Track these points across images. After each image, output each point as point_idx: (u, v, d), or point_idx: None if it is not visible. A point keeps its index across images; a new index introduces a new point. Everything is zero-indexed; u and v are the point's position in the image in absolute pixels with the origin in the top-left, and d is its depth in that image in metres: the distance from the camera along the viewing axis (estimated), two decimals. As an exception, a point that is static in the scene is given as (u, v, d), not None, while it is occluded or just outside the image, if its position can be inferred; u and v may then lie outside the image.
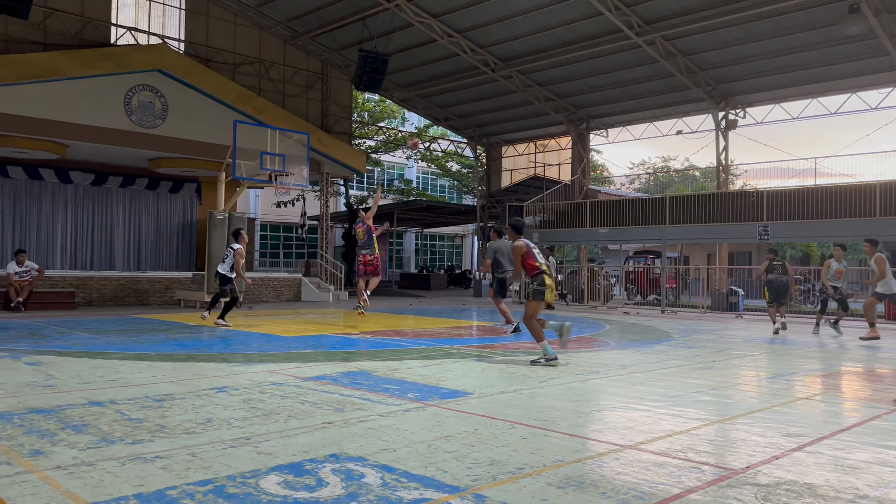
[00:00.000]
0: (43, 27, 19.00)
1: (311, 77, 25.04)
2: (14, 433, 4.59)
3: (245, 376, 7.09)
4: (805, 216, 18.65)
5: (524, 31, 21.69)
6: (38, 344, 9.50)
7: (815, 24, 18.95)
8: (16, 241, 20.26)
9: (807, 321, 16.63)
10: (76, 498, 3.36)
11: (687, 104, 24.91)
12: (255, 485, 3.64)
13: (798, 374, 8.14)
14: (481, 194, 32.55)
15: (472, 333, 12.88)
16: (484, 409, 5.64)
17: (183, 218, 24.08)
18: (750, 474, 4.01)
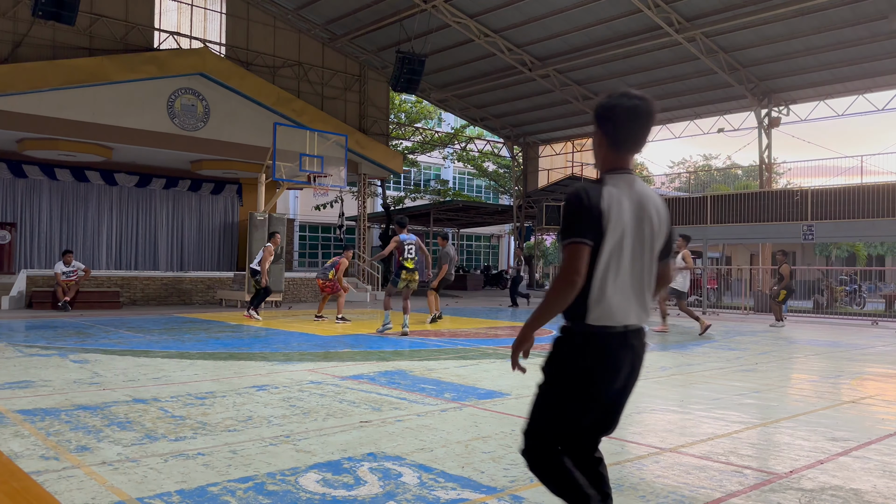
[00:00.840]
0: (89, 33, 19.48)
1: (349, 79, 25.24)
2: (62, 429, 4.72)
3: (284, 375, 7.18)
4: (851, 215, 18.19)
5: (561, 29, 21.56)
6: (85, 342, 9.74)
7: (861, 19, 18.48)
8: (63, 242, 20.82)
9: (852, 323, 16.22)
10: (121, 493, 3.44)
11: (729, 102, 24.49)
12: (295, 482, 3.68)
13: (844, 377, 7.94)
14: (518, 194, 32.44)
15: (508, 334, 12.84)
16: (521, 410, 5.62)
17: (224, 219, 24.47)
18: (794, 479, 3.93)
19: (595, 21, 20.68)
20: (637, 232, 2.51)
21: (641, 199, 2.54)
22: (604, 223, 2.42)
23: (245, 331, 11.91)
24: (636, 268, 2.53)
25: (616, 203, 2.46)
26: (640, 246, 2.53)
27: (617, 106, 2.53)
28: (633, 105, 2.53)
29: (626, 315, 2.51)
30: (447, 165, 45.73)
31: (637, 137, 2.56)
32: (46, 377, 6.76)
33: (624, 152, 2.57)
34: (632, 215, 2.50)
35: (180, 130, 19.48)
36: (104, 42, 19.72)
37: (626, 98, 2.53)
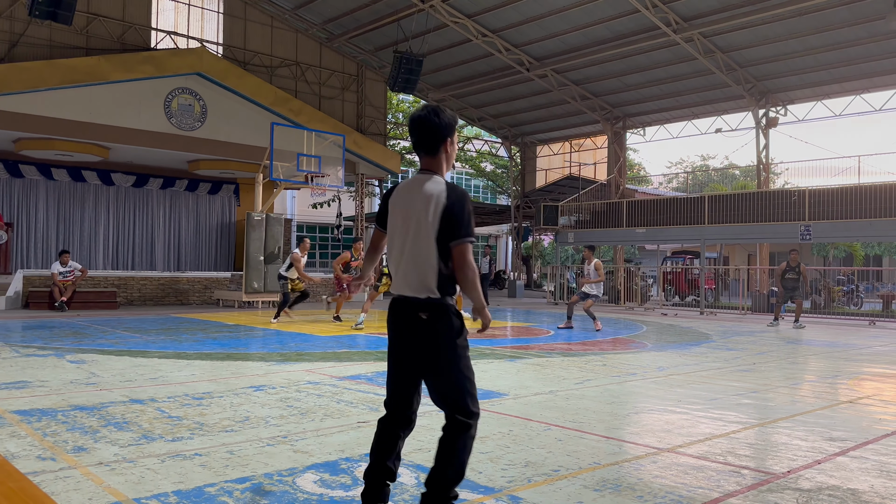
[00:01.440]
0: (86, 32, 19.44)
1: (346, 79, 25.22)
2: (58, 430, 4.70)
3: (282, 375, 7.17)
4: (848, 216, 18.21)
5: (559, 29, 21.56)
6: (81, 342, 9.72)
7: (858, 20, 18.50)
8: (60, 242, 20.78)
9: (849, 323, 16.25)
10: (118, 494, 3.43)
11: (726, 102, 24.51)
12: (292, 483, 3.67)
13: (841, 377, 7.95)
14: (516, 194, 32.44)
15: (506, 334, 12.84)
16: (519, 411, 5.61)
17: (221, 219, 24.45)
18: (791, 479, 3.93)
19: (593, 21, 20.68)
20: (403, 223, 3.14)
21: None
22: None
23: (242, 331, 11.89)
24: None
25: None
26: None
27: (411, 120, 3.21)
28: (414, 116, 3.20)
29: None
30: (445, 165, 45.64)
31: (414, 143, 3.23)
32: (43, 377, 6.74)
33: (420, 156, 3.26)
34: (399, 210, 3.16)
35: (177, 130, 19.45)
36: (101, 42, 19.68)
37: (417, 110, 3.21)
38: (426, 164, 3.18)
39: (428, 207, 3.03)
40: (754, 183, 26.62)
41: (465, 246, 3.03)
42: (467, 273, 3.05)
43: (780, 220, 19.35)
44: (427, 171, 3.16)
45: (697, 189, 45.69)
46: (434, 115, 3.13)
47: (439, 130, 3.14)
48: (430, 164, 3.17)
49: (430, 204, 3.03)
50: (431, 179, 3.10)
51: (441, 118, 3.14)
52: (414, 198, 3.09)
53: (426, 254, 3.04)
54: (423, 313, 3.06)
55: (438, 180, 3.10)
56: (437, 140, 3.15)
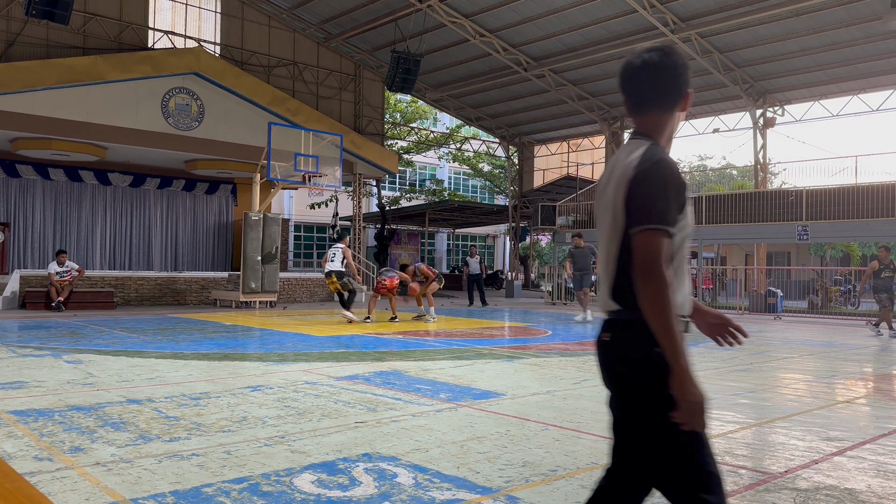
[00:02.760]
0: (83, 32, 19.41)
1: (344, 78, 25.21)
2: (55, 430, 4.69)
3: (279, 375, 7.16)
4: (846, 216, 18.25)
5: (557, 29, 21.57)
6: (78, 343, 9.71)
7: (855, 20, 18.54)
8: (57, 242, 20.74)
9: (846, 323, 16.27)
10: (115, 494, 3.42)
11: (724, 102, 24.55)
12: (290, 483, 3.67)
13: (838, 377, 7.96)
14: (513, 194, 32.45)
15: (503, 334, 12.84)
16: (516, 411, 5.61)
17: (219, 219, 24.42)
18: (789, 479, 3.93)
19: (590, 21, 20.70)
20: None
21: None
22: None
23: (239, 331, 11.88)
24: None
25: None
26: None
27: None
28: (625, 63, 2.27)
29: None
30: (442, 165, 45.72)
31: (624, 98, 2.28)
32: (40, 378, 6.73)
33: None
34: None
35: (175, 130, 19.42)
36: (98, 41, 19.65)
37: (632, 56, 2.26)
38: (638, 125, 2.22)
39: (616, 186, 2.11)
40: (752, 183, 26.65)
41: (646, 237, 1.96)
42: (647, 283, 1.93)
43: (778, 221, 19.38)
44: (636, 135, 2.22)
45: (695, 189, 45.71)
46: (659, 56, 2.15)
47: (663, 75, 2.15)
48: (641, 125, 2.21)
49: (615, 180, 2.12)
50: (634, 144, 2.16)
51: (671, 58, 2.15)
52: (609, 176, 2.19)
53: (610, 252, 2.14)
54: (605, 334, 2.15)
55: (641, 145, 2.13)
56: (658, 89, 2.17)
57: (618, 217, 2.08)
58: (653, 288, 1.91)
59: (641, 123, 2.20)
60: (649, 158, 2.04)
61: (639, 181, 2.02)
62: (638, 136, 2.18)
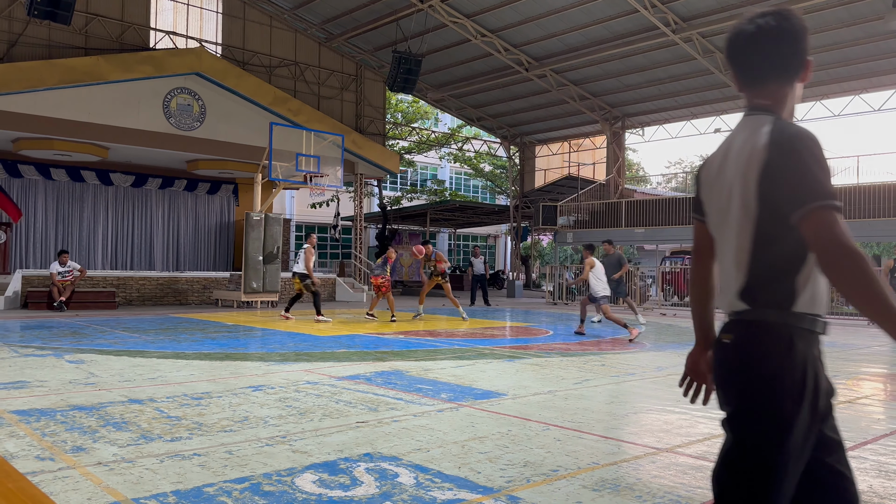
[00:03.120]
0: (85, 32, 19.44)
1: (345, 79, 25.22)
2: (57, 430, 4.70)
3: (281, 375, 7.16)
4: (847, 216, 18.16)
5: (558, 29, 21.57)
6: (80, 342, 9.72)
7: (857, 20, 18.52)
8: (59, 242, 20.77)
9: (848, 323, 16.26)
10: (117, 494, 3.43)
11: (725, 102, 24.53)
12: (291, 483, 3.67)
13: (840, 377, 7.96)
14: (514, 194, 32.45)
15: (505, 334, 12.84)
16: (517, 411, 5.62)
17: (220, 219, 24.44)
18: (790, 479, 3.93)
19: (592, 21, 20.70)
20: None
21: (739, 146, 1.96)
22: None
23: (241, 331, 11.90)
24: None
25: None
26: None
27: (729, 34, 2.07)
28: (739, 30, 2.06)
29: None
30: (444, 165, 45.73)
31: (742, 68, 2.05)
32: (42, 377, 6.74)
33: (741, 88, 2.08)
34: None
35: (176, 130, 19.44)
36: (100, 41, 19.67)
37: (741, 23, 2.05)
38: (755, 99, 1.99)
39: (743, 172, 1.87)
40: (753, 183, 26.64)
41: (820, 216, 1.68)
42: (845, 265, 1.64)
43: (779, 221, 19.36)
44: (754, 111, 1.98)
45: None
46: (777, 20, 1.92)
47: (782, 42, 1.91)
48: (758, 99, 1.98)
49: (739, 165, 1.89)
50: (753, 122, 1.92)
51: (791, 22, 1.91)
52: (728, 160, 1.94)
53: (741, 245, 1.87)
54: (725, 336, 1.92)
55: (763, 121, 1.89)
56: (776, 58, 1.92)
57: (749, 206, 1.84)
58: (854, 268, 1.62)
59: (758, 97, 1.96)
60: (786, 133, 1.79)
61: (783, 159, 1.76)
62: (756, 112, 1.94)
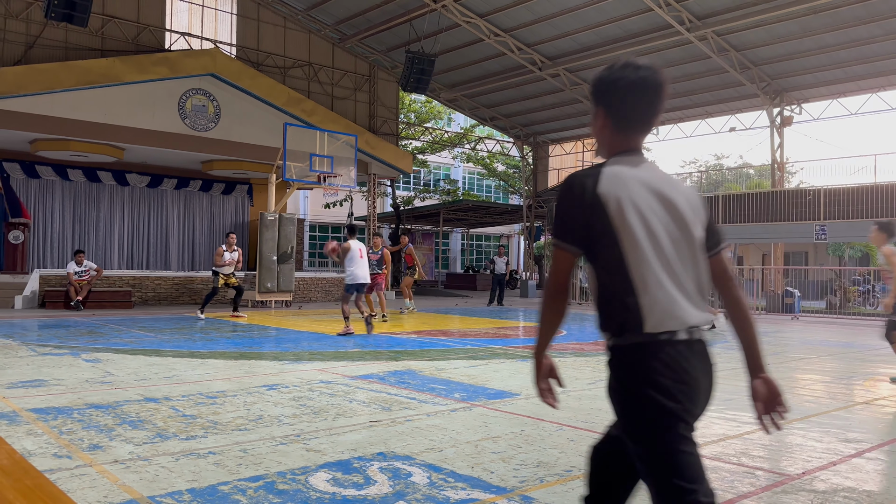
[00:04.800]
0: (101, 34, 19.59)
1: (358, 79, 25.27)
2: (74, 428, 4.75)
3: (295, 374, 7.19)
4: (864, 215, 18.06)
5: (572, 28, 21.51)
6: (97, 341, 9.80)
7: (874, 17, 18.33)
8: (75, 242, 20.95)
9: (865, 323, 16.10)
10: (132, 491, 3.46)
11: (740, 100, 24.35)
12: (305, 482, 3.69)
13: (857, 378, 7.89)
14: (528, 194, 32.39)
15: (518, 334, 12.82)
16: (531, 411, 5.61)
17: (235, 219, 24.56)
18: (806, 480, 3.90)
19: (605, 20, 20.62)
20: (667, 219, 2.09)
21: (665, 184, 2.12)
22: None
23: (255, 331, 11.95)
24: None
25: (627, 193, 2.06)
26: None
27: (621, 79, 2.15)
28: (640, 77, 2.13)
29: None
30: (457, 165, 45.70)
31: (646, 114, 2.16)
32: (59, 376, 6.81)
33: (633, 133, 2.17)
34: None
35: (191, 131, 19.56)
36: (116, 43, 19.83)
37: (631, 69, 2.14)
38: (638, 145, 2.19)
39: (696, 206, 2.16)
40: (769, 182, 26.45)
41: (725, 252, 2.21)
42: (739, 287, 2.21)
43: (795, 220, 19.21)
44: (640, 153, 2.19)
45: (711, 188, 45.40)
46: (656, 72, 2.15)
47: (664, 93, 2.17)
48: (641, 144, 2.21)
49: (690, 200, 2.16)
50: (653, 164, 2.18)
51: (663, 75, 2.16)
52: (674, 194, 2.13)
53: (702, 265, 2.15)
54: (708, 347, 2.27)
55: (655, 165, 2.19)
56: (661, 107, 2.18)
57: (700, 235, 2.13)
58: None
59: (638, 143, 2.19)
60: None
61: (703, 202, 2.17)
62: (641, 154, 2.17)
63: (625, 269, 2.03)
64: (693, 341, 2.10)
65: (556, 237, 2.09)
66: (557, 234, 2.08)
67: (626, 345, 2.04)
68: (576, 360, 8.72)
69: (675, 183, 2.15)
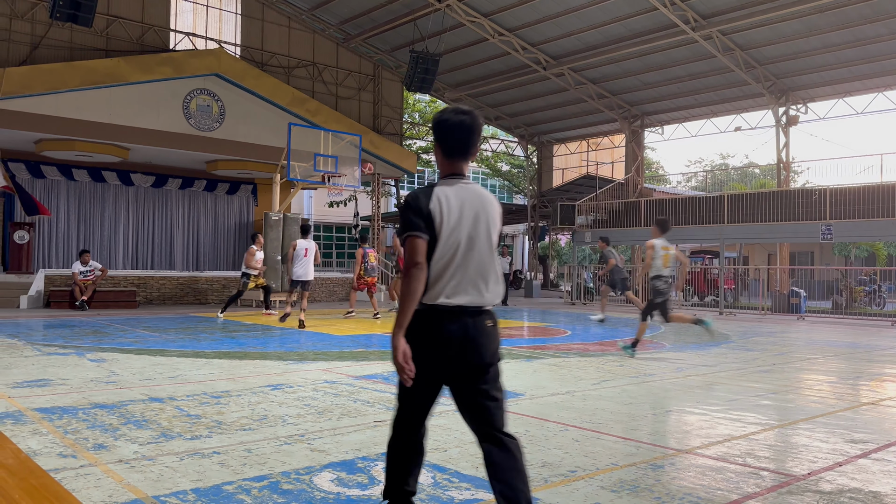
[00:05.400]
0: (106, 34, 19.64)
1: (363, 79, 25.29)
2: (79, 427, 4.75)
3: (299, 374, 7.20)
4: (870, 215, 17.99)
5: (576, 28, 21.48)
6: (102, 341, 9.82)
7: (880, 16, 18.26)
8: (80, 242, 21.00)
9: (871, 323, 16.05)
10: (137, 491, 3.46)
11: (746, 100, 24.29)
12: (309, 481, 3.69)
13: (863, 378, 7.86)
14: (532, 194, 32.37)
15: (522, 334, 12.81)
16: (535, 411, 5.60)
17: (240, 219, 24.60)
18: (812, 481, 3.89)
19: (610, 19, 20.58)
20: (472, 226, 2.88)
21: (473, 199, 2.90)
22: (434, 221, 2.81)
23: (259, 331, 11.96)
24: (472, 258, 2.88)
25: (445, 203, 2.83)
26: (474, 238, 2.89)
27: (447, 121, 2.92)
28: (460, 120, 2.91)
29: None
30: (462, 165, 45.63)
31: (465, 148, 2.92)
32: (64, 376, 6.82)
33: (456, 161, 2.93)
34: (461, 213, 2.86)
35: (196, 131, 19.59)
36: (120, 43, 19.87)
37: (454, 114, 2.93)
38: (462, 170, 2.96)
39: (495, 214, 2.98)
40: (774, 182, 26.37)
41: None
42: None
43: (801, 220, 19.15)
44: (464, 178, 2.96)
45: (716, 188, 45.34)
46: (473, 118, 2.95)
47: (479, 133, 2.99)
48: (465, 169, 2.97)
49: (493, 209, 2.97)
50: (473, 184, 2.96)
51: (479, 120, 2.98)
52: (481, 205, 2.93)
53: (495, 257, 2.97)
54: (489, 321, 2.98)
55: (475, 184, 2.98)
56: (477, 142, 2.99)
57: (495, 238, 2.97)
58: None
59: (461, 169, 2.95)
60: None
61: (500, 214, 3.04)
62: (465, 178, 2.95)
63: (439, 257, 2.82)
64: (469, 311, 2.89)
65: (408, 231, 2.79)
66: (409, 229, 2.79)
67: (428, 305, 2.84)
68: (580, 361, 8.71)
69: (483, 199, 2.94)
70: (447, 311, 2.82)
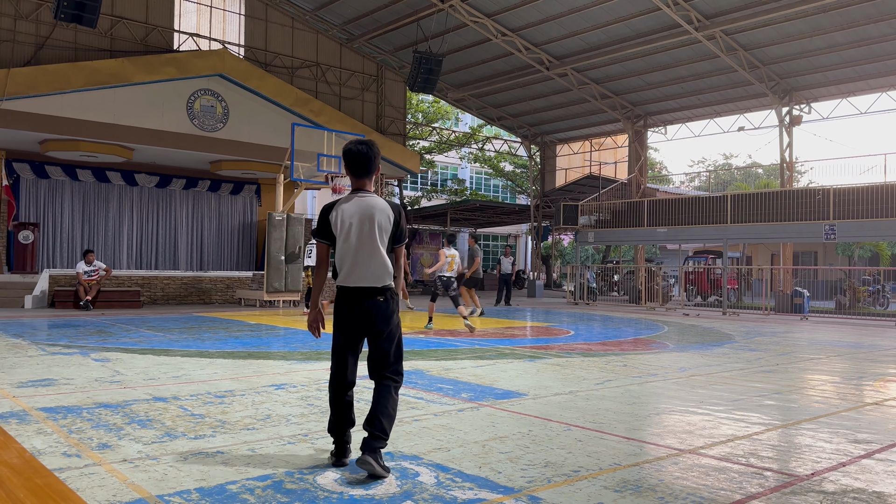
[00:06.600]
0: (110, 35, 19.68)
1: (366, 79, 25.31)
2: (83, 427, 4.77)
3: (303, 374, 7.21)
4: (874, 215, 17.94)
5: (579, 28, 21.47)
6: (106, 341, 9.85)
7: (884, 16, 18.23)
8: (85, 242, 21.05)
9: (875, 324, 16.01)
10: (141, 490, 3.47)
11: (749, 100, 24.26)
12: (313, 481, 3.70)
13: (867, 378, 7.84)
14: (535, 194, 32.36)
15: (525, 334, 12.81)
16: (538, 411, 5.60)
17: (243, 219, 24.64)
18: (815, 481, 3.89)
19: (613, 19, 20.57)
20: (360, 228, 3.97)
21: (365, 208, 3.99)
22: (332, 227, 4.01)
23: (263, 330, 11.98)
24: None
25: (341, 214, 3.99)
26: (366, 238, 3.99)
27: (348, 150, 4.08)
28: (357, 149, 4.06)
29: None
30: (464, 165, 45.67)
31: (362, 169, 4.08)
32: (68, 375, 6.84)
33: (358, 179, 4.09)
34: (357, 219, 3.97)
35: (200, 131, 19.63)
36: (125, 44, 19.92)
37: (354, 144, 4.09)
38: (362, 186, 4.09)
39: (383, 217, 4.02)
40: (778, 182, 26.32)
41: (403, 247, 4.22)
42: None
43: (804, 220, 19.11)
44: (363, 193, 4.06)
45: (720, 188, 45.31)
46: (370, 148, 4.11)
47: (376, 159, 4.12)
48: (364, 185, 4.09)
49: (382, 213, 4.02)
50: (369, 196, 4.07)
51: (375, 149, 4.13)
52: (371, 211, 4.02)
53: (383, 249, 4.00)
54: (380, 297, 3.99)
55: (373, 195, 4.10)
56: (374, 166, 4.12)
57: (386, 232, 4.01)
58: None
59: (363, 184, 4.09)
60: (393, 204, 4.11)
61: (399, 216, 4.07)
62: (364, 192, 4.07)
63: (338, 253, 4.01)
64: (364, 290, 3.98)
65: (317, 237, 4.07)
66: (318, 235, 4.06)
67: (339, 286, 4.01)
68: (583, 360, 8.71)
69: (374, 208, 4.00)
70: (349, 291, 3.97)
